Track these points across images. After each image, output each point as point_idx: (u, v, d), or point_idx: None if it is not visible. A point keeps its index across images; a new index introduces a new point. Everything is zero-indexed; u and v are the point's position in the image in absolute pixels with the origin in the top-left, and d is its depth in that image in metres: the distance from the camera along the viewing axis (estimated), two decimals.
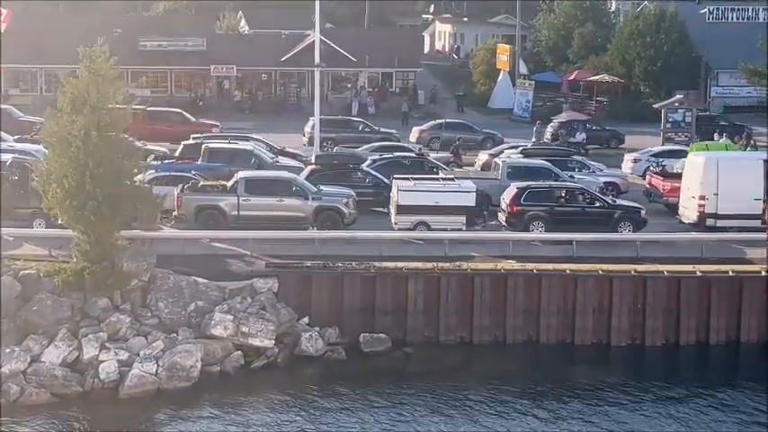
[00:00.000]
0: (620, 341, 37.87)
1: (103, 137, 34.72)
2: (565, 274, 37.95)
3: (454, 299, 37.55)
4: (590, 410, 33.28)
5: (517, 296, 37.64)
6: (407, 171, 48.18)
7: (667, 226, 45.03)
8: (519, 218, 43.01)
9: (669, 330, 38.06)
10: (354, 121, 67.56)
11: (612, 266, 38.31)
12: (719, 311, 38.01)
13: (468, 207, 42.76)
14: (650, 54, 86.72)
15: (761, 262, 39.92)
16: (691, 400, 34.39)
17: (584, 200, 43.66)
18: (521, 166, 48.05)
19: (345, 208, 42.69)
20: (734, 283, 38.05)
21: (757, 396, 34.56)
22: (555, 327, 37.84)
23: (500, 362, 36.79)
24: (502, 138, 67.94)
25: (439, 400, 33.36)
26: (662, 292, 37.98)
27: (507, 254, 40.16)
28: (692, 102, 69.34)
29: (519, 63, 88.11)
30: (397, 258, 38.79)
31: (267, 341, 34.81)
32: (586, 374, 36.08)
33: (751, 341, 38.17)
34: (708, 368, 37.58)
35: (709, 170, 43.96)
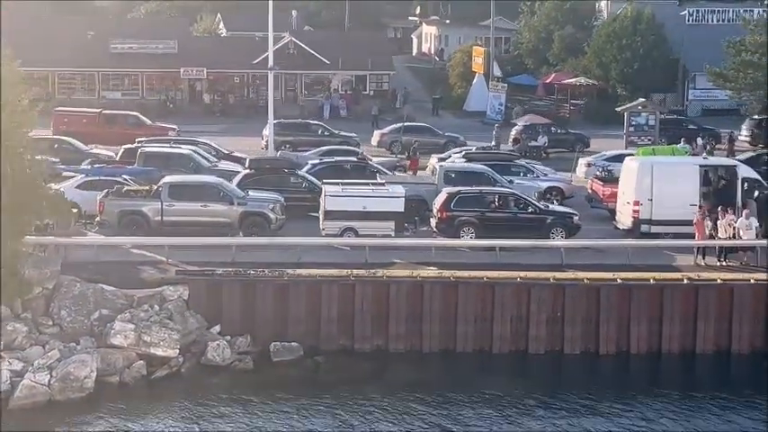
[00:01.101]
0: (538, 349, 37.13)
1: (5, 141, 34.04)
2: (482, 282, 37.28)
3: (369, 307, 36.94)
4: (503, 419, 32.75)
5: (434, 304, 36.98)
6: (348, 176, 47.57)
7: (604, 232, 44.20)
8: (449, 223, 42.41)
9: (588, 339, 37.34)
10: (313, 124, 67.01)
11: (532, 274, 37.59)
12: (640, 320, 37.19)
13: (397, 213, 42.10)
14: (626, 56, 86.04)
15: (687, 269, 39.10)
16: (610, 410, 33.77)
17: (516, 205, 42.87)
18: (458, 171, 47.50)
19: (272, 213, 42.16)
20: (655, 291, 37.29)
21: (675, 406, 34.09)
22: (472, 335, 37.18)
23: (414, 371, 36.17)
24: (464, 141, 67.33)
25: (342, 409, 32.76)
26: (581, 300, 37.25)
27: (432, 260, 39.22)
28: (656, 105, 68.39)
29: (493, 65, 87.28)
30: (321, 266, 38.14)
31: (171, 351, 34.22)
32: (502, 383, 35.39)
33: (672, 351, 37.36)
34: (628, 378, 36.73)
35: (643, 175, 43.28)
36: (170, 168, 47.42)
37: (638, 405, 34.08)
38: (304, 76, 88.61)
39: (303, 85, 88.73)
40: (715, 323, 37.41)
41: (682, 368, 37.16)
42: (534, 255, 40.40)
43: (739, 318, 37.37)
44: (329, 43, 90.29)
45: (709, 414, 33.58)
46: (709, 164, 44.81)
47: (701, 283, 37.55)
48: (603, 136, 70.35)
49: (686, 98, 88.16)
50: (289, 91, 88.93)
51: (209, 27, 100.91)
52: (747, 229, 39.94)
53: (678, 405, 34.17)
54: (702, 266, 39.97)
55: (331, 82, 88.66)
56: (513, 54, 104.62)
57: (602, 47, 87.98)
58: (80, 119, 63.39)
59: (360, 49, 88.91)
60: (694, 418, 33.25)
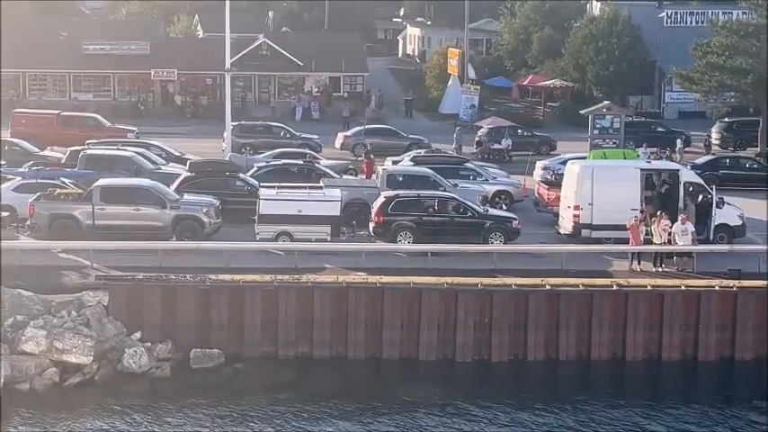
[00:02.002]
0: (465, 357, 36.54)
1: None
2: (409, 288, 36.68)
3: (293, 313, 36.39)
4: (424, 428, 32.26)
5: (359, 310, 36.40)
6: (295, 178, 47.09)
7: (546, 236, 43.68)
8: (386, 227, 41.90)
9: (517, 346, 36.73)
10: (274, 126, 66.54)
11: (459, 279, 37.02)
12: (568, 326, 36.59)
13: (333, 216, 41.58)
14: (602, 58, 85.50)
15: (621, 275, 38.55)
16: (537, 418, 33.27)
17: (455, 210, 42.31)
18: (400, 174, 46.89)
19: (205, 217, 41.66)
20: (584, 298, 36.70)
21: (603, 413, 33.58)
22: (398, 342, 36.62)
23: (338, 378, 35.62)
24: (429, 143, 66.79)
25: (256, 417, 32.25)
26: (509, 307, 36.64)
27: (364, 266, 38.68)
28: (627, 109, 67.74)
29: (467, 67, 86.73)
30: (252, 271, 37.62)
31: (84, 357, 33.74)
32: (428, 391, 34.86)
33: (602, 358, 36.76)
34: (556, 385, 36.16)
35: (583, 179, 42.71)
36: (112, 171, 46.93)
37: (565, 412, 33.60)
38: (277, 78, 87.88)
39: (276, 86, 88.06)
40: (645, 330, 36.78)
41: (611, 375, 36.53)
42: (471, 260, 39.67)
43: (669, 325, 36.72)
44: (305, 45, 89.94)
45: (639, 418, 33.15)
46: (651, 168, 44.15)
47: (631, 290, 36.96)
48: (574, 139, 69.46)
49: (663, 101, 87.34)
50: (262, 93, 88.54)
51: (185, 29, 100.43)
52: (683, 235, 39.30)
53: (606, 412, 33.62)
54: (637, 272, 39.23)
55: (305, 84, 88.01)
56: (494, 56, 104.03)
57: (579, 49, 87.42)
58: (38, 120, 63.04)
59: (335, 51, 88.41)
60: (623, 425, 32.75)
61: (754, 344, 36.93)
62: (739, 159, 58.67)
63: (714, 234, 42.57)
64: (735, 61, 64.43)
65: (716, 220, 42.60)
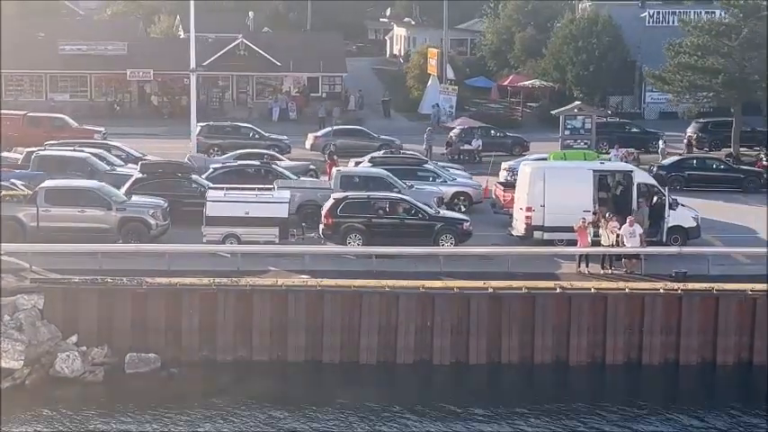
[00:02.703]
0: (406, 360, 36.09)
1: None
2: (350, 291, 36.22)
3: (232, 316, 35.91)
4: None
5: (299, 314, 35.97)
6: (251, 180, 46.67)
7: (499, 238, 43.23)
8: (335, 229, 41.50)
9: (459, 349, 36.29)
10: (243, 127, 66.14)
11: (401, 282, 36.60)
12: (511, 330, 36.13)
13: (281, 219, 41.14)
14: (582, 58, 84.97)
15: (568, 278, 38.11)
16: (480, 421, 32.84)
17: (405, 211, 41.86)
18: (354, 176, 46.47)
19: (152, 219, 41.23)
20: (527, 301, 36.22)
21: (546, 417, 33.12)
22: (339, 345, 36.14)
23: (277, 382, 35.22)
24: (401, 144, 66.37)
25: (183, 423, 31.68)
26: (451, 310, 36.15)
27: (313, 269, 38.34)
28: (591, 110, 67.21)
29: (446, 67, 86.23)
30: (196, 273, 37.27)
31: (14, 362, 33.33)
32: (367, 395, 34.31)
33: (545, 361, 36.31)
34: (498, 389, 35.70)
35: (535, 181, 42.27)
36: (65, 172, 46.51)
37: (507, 418, 33.14)
38: (255, 78, 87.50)
39: (254, 87, 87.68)
40: (588, 333, 36.27)
41: (554, 380, 36.08)
42: (419, 262, 39.28)
43: (613, 328, 36.21)
44: (284, 45, 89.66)
45: (582, 423, 32.65)
46: (604, 169, 43.66)
47: (574, 292, 36.47)
48: (551, 140, 68.90)
49: (643, 101, 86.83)
50: (240, 93, 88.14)
51: (166, 29, 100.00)
52: (631, 237, 38.81)
53: (550, 416, 33.14)
54: (585, 275, 38.77)
55: (283, 84, 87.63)
56: (477, 56, 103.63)
57: (560, 49, 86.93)
58: (4, 121, 62.53)
59: (314, 52, 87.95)
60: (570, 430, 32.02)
61: (699, 347, 36.44)
62: (706, 160, 58.23)
63: (668, 236, 42.02)
64: (706, 61, 63.82)
65: (669, 222, 42.02)
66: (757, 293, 36.43)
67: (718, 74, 63.21)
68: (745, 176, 55.96)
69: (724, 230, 46.37)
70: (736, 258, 41.55)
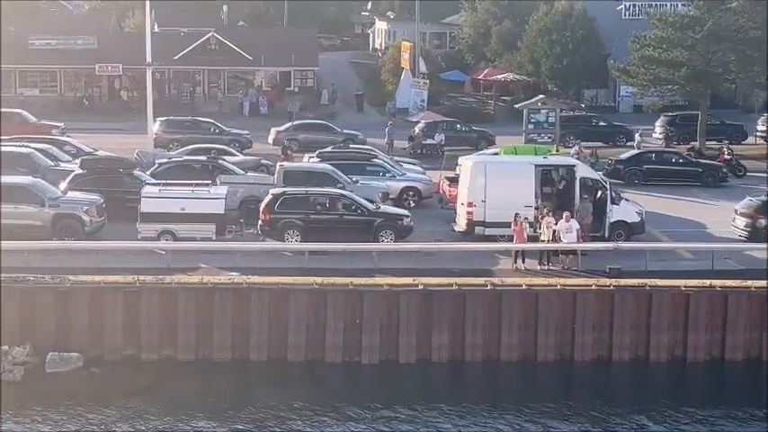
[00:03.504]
0: (334, 359, 35.49)
1: None
2: (277, 288, 35.64)
3: (157, 314, 35.33)
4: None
5: (225, 312, 35.33)
6: (197, 175, 46.06)
7: (442, 234, 42.67)
8: (273, 226, 40.96)
9: (388, 348, 35.70)
10: (203, 121, 65.55)
11: (330, 279, 36.00)
12: (441, 327, 35.51)
13: (217, 215, 40.56)
14: (556, 52, 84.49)
15: (503, 274, 37.54)
16: (409, 421, 32.23)
17: (344, 207, 41.27)
18: (297, 171, 45.89)
19: (86, 215, 40.65)
20: (457, 297, 35.61)
21: (478, 415, 32.55)
22: (266, 343, 35.51)
23: (201, 381, 34.56)
24: (364, 139, 65.85)
25: (99, 423, 31.24)
26: (380, 307, 35.58)
27: (245, 266, 37.77)
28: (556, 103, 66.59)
29: (418, 61, 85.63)
30: (131, 270, 36.61)
31: None
32: (294, 394, 33.73)
33: (475, 359, 35.73)
34: (428, 387, 35.06)
35: (476, 175, 41.68)
36: (7, 168, 45.86)
37: (437, 416, 32.57)
38: (226, 73, 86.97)
39: (226, 81, 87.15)
40: (519, 330, 35.67)
41: (485, 377, 35.52)
42: (356, 259, 38.78)
43: (545, 325, 35.62)
44: (257, 39, 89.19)
45: (511, 421, 32.07)
46: (546, 163, 43.04)
47: (506, 289, 35.85)
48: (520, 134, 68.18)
49: (618, 94, 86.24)
50: (212, 87, 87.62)
51: (140, 24, 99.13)
52: (567, 233, 38.22)
53: (479, 415, 32.56)
54: (522, 271, 38.18)
55: (254, 78, 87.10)
56: (455, 50, 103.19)
57: (534, 42, 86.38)
58: None
59: (286, 46, 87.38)
60: (501, 427, 31.65)
61: (632, 344, 35.83)
62: (664, 154, 57.62)
63: (611, 231, 41.42)
64: (670, 54, 63.19)
65: (612, 217, 41.40)
66: (691, 289, 35.73)
67: (681, 67, 62.61)
68: (704, 170, 55.39)
69: (674, 225, 45.69)
70: (679, 254, 40.78)
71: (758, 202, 42.33)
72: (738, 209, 42.81)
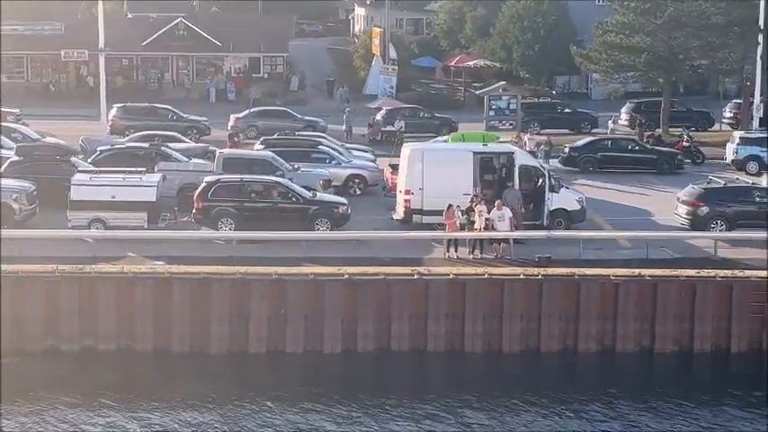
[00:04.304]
0: (258, 349, 34.92)
1: None
2: (200, 278, 35.04)
3: (77, 304, 34.74)
4: (202, 424, 30.65)
5: (146, 301, 34.84)
6: (140, 162, 45.47)
7: (382, 222, 42.09)
8: (206, 214, 40.36)
9: (314, 337, 35.13)
10: (161, 108, 64.83)
11: (253, 269, 35.41)
12: (366, 317, 34.96)
13: (149, 203, 39.95)
14: (528, 38, 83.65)
15: (435, 263, 36.95)
16: (333, 411, 31.74)
17: (279, 195, 40.67)
18: (236, 158, 45.36)
19: (15, 203, 40.07)
20: (382, 287, 35.06)
21: (404, 406, 31.99)
22: (188, 334, 35.06)
23: (121, 372, 34.04)
24: (325, 125, 65.24)
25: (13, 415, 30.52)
26: (305, 297, 34.98)
27: (174, 255, 37.23)
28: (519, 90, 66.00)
29: (388, 47, 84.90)
30: (52, 260, 35.98)
31: None
32: (214, 386, 33.15)
33: (401, 349, 35.19)
34: (353, 377, 34.54)
35: (414, 163, 41.08)
36: None
37: (362, 407, 31.99)
38: (195, 59, 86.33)
39: (195, 67, 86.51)
40: (446, 320, 35.08)
41: (410, 368, 34.96)
42: (292, 248, 38.06)
43: (472, 314, 35.02)
44: (228, 25, 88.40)
45: (437, 412, 31.53)
46: (485, 151, 42.43)
47: (432, 278, 35.26)
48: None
49: (590, 81, 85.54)
50: (181, 73, 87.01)
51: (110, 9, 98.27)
52: (500, 221, 37.62)
53: (406, 406, 32.03)
54: (454, 260, 37.60)
55: (224, 64, 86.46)
56: (431, 36, 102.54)
57: (506, 28, 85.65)
58: None
59: (256, 32, 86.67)
60: (425, 419, 31.03)
61: (560, 334, 35.21)
62: (620, 141, 56.93)
63: (551, 219, 40.84)
64: (632, 40, 62.49)
65: (552, 205, 40.81)
66: (620, 279, 35.10)
67: (642, 53, 61.91)
68: (659, 158, 54.77)
69: (620, 213, 45.14)
70: (619, 243, 40.22)
71: (700, 189, 41.68)
72: (681, 197, 42.17)
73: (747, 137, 55.78)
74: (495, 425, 30.83)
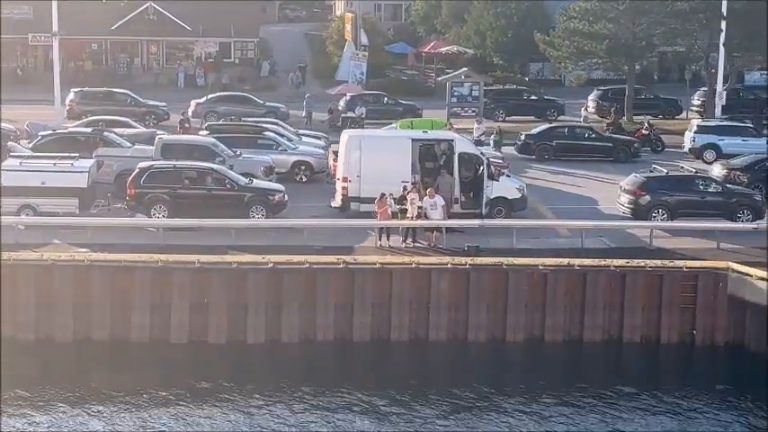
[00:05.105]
0: (180, 339, 34.36)
1: None
2: (120, 266, 34.55)
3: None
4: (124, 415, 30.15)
5: (65, 290, 34.21)
6: (82, 147, 44.84)
7: (322, 210, 41.44)
8: (138, 200, 39.71)
9: (237, 327, 34.46)
10: (118, 93, 64.09)
11: (174, 257, 34.77)
12: (291, 306, 34.38)
13: (80, 189, 39.30)
14: (501, 24, 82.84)
15: (365, 252, 36.36)
16: (260, 402, 31.19)
17: (214, 182, 39.98)
18: (176, 144, 44.67)
19: None
20: (308, 276, 34.43)
21: (326, 396, 31.54)
22: (109, 323, 34.31)
23: (38, 362, 33.37)
24: (287, 111, 64.61)
25: None
26: (228, 286, 34.36)
27: (102, 242, 36.71)
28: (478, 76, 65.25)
29: (360, 33, 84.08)
30: None
31: None
32: (137, 376, 32.69)
33: (326, 339, 34.65)
34: (279, 368, 33.84)
35: (351, 150, 40.39)
36: None
37: (286, 396, 31.44)
38: (165, 44, 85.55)
39: (164, 52, 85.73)
40: (373, 309, 34.44)
41: (336, 358, 34.38)
42: (225, 236, 37.55)
43: (398, 304, 34.40)
44: (198, 10, 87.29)
45: (362, 405, 30.86)
46: (424, 138, 41.76)
47: (358, 267, 34.61)
48: None
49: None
50: (151, 57, 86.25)
51: None
52: (432, 209, 36.95)
53: (331, 395, 31.52)
54: (386, 248, 37.00)
55: (194, 49, 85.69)
56: (408, 22, 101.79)
57: (480, 14, 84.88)
58: None
59: (227, 16, 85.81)
60: (344, 410, 30.50)
61: (488, 324, 34.57)
62: (576, 129, 56.17)
63: (491, 207, 40.17)
64: (594, 26, 61.72)
65: (492, 193, 40.14)
66: (548, 269, 34.45)
67: (603, 39, 61.11)
68: (615, 146, 54.03)
69: (565, 202, 44.56)
70: (558, 232, 39.61)
71: (642, 178, 40.99)
72: (623, 186, 41.49)
73: (705, 125, 55.15)
74: (416, 417, 30.23)
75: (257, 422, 29.88)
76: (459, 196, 40.22)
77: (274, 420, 30.14)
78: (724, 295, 34.50)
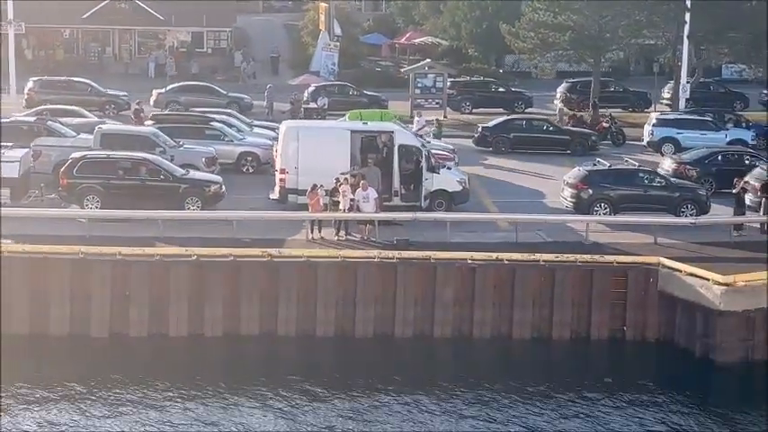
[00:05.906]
0: (100, 332, 33.69)
1: None
2: (37, 258, 33.75)
3: None
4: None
5: (16, 282, 33.27)
6: (26, 136, 44.17)
7: (260, 202, 40.74)
8: (71, 191, 39.05)
9: (159, 321, 33.82)
10: (78, 82, 63.26)
11: (94, 249, 34.07)
12: (214, 299, 33.86)
13: (12, 179, 38.65)
14: (476, 16, 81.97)
15: (297, 245, 35.64)
16: (183, 398, 30.49)
17: (148, 172, 39.30)
18: (115, 134, 43.96)
19: None
20: (232, 269, 33.90)
21: (255, 392, 30.76)
22: (27, 316, 33.39)
23: None
24: (251, 102, 63.91)
25: None
26: (149, 279, 33.81)
27: (32, 233, 35.94)
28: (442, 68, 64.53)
29: (333, 23, 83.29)
30: None
31: None
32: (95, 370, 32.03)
33: (252, 332, 34.02)
34: (201, 362, 33.19)
35: (289, 141, 39.73)
36: None
37: (211, 390, 30.89)
38: (137, 33, 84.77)
39: (136, 41, 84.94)
40: (298, 304, 33.73)
41: (261, 352, 33.69)
42: (156, 227, 36.90)
43: (324, 298, 33.71)
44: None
45: (292, 400, 30.28)
46: (364, 130, 41.06)
47: (283, 261, 33.94)
48: None
49: None
50: (123, 47, 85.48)
51: None
52: (364, 202, 36.26)
53: (258, 390, 30.88)
54: (317, 241, 36.30)
55: (166, 39, 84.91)
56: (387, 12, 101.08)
57: (456, 5, 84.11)
58: None
59: (202, 6, 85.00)
60: (276, 406, 29.98)
61: (415, 319, 33.83)
62: (533, 122, 55.41)
63: (432, 200, 39.47)
64: (558, 18, 60.95)
65: (432, 186, 39.44)
66: (477, 263, 33.74)
67: (567, 31, 60.35)
68: (572, 139, 53.30)
69: (511, 195, 43.86)
70: (498, 225, 38.91)
71: (584, 172, 40.28)
72: (567, 179, 40.78)
73: (663, 118, 54.53)
74: (345, 413, 29.76)
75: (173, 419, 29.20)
76: (399, 189, 39.44)
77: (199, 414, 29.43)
78: (654, 291, 33.75)
